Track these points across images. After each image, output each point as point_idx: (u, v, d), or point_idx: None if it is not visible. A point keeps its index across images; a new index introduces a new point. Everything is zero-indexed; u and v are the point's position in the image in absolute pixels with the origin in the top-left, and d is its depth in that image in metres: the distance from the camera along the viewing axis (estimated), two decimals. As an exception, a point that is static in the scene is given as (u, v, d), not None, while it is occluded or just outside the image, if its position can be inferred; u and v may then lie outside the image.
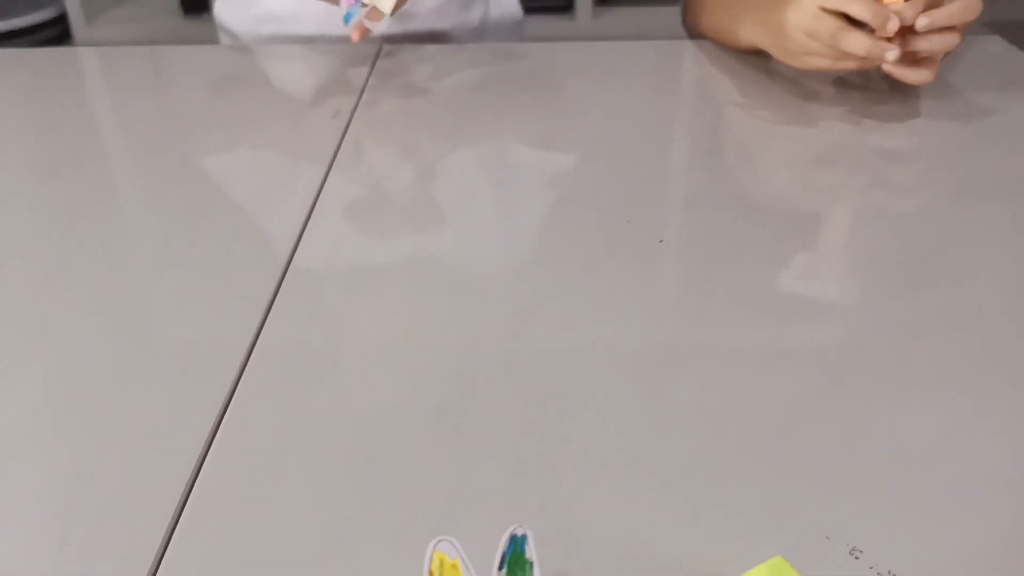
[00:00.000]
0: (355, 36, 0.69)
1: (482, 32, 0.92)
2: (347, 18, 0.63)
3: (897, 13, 0.55)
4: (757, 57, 0.67)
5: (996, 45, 0.73)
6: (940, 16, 0.56)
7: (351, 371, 0.37)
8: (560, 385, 0.36)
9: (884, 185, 0.53)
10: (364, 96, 0.64)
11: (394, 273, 0.44)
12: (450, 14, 0.87)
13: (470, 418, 0.34)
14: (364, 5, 0.64)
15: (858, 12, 0.55)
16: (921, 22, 0.56)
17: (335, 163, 0.54)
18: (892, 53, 0.55)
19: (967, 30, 0.58)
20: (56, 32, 2.21)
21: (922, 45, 0.56)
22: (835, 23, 0.56)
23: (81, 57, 0.82)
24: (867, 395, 0.35)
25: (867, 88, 0.64)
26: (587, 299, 0.41)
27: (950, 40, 0.57)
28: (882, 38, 0.55)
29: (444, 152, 0.57)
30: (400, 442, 0.33)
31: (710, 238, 0.46)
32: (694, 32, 0.77)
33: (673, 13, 2.27)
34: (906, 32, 0.56)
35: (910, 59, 0.58)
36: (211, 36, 2.17)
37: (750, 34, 0.65)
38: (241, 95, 0.67)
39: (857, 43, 0.55)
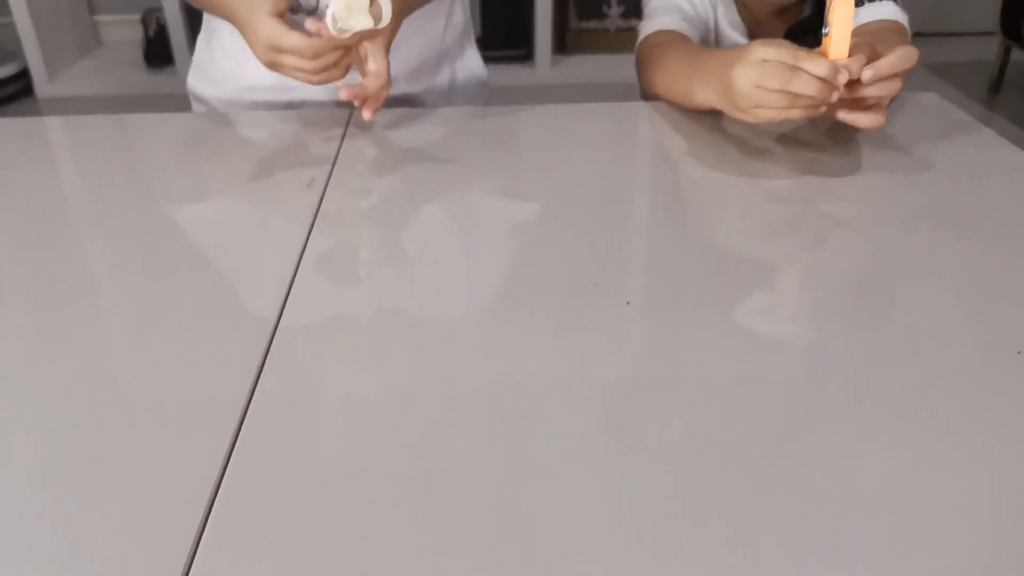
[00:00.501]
0: (367, 114, 0.71)
1: (451, 93, 0.95)
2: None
3: (844, 67, 0.59)
4: (710, 116, 0.71)
5: (932, 100, 0.77)
6: (883, 67, 0.60)
7: (346, 424, 0.38)
8: (533, 433, 0.37)
9: (833, 231, 0.57)
10: (338, 162, 0.66)
11: (375, 331, 0.45)
12: (420, 78, 0.90)
13: (447, 466, 0.36)
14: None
15: (808, 67, 0.59)
16: (866, 75, 0.60)
17: (313, 230, 0.56)
18: (837, 93, 0.59)
19: (907, 75, 0.62)
20: (19, 87, 2.21)
21: (869, 92, 0.60)
22: (782, 68, 0.59)
23: (48, 127, 0.82)
24: (827, 424, 0.38)
25: (813, 143, 0.68)
26: (558, 349, 0.43)
27: (894, 86, 0.61)
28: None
29: (420, 216, 0.59)
30: (382, 493, 0.34)
31: (672, 288, 0.48)
32: (649, 94, 0.81)
33: (626, 60, 2.33)
34: (853, 83, 0.60)
35: (858, 106, 0.62)
36: (174, 88, 2.19)
37: (704, 95, 0.68)
38: (214, 165, 0.68)
39: (807, 84, 0.59)
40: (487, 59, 0.98)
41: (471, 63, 0.99)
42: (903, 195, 0.60)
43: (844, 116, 0.61)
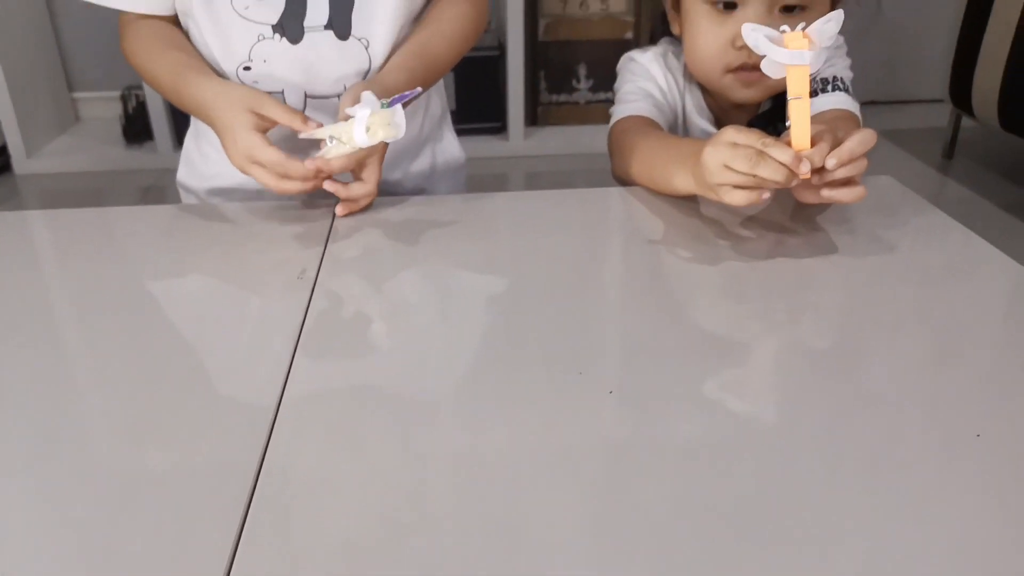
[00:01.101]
0: (340, 212, 0.75)
1: (431, 177, 0.99)
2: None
3: (807, 157, 0.63)
4: (683, 202, 0.74)
5: (887, 182, 0.82)
6: (844, 153, 0.65)
7: (349, 505, 0.40)
8: (514, 522, 0.39)
9: (804, 312, 0.60)
10: (327, 252, 0.68)
11: (370, 416, 0.47)
12: (400, 164, 0.94)
13: (431, 546, 0.37)
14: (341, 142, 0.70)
15: (774, 153, 0.63)
16: (830, 163, 0.64)
17: (307, 320, 0.58)
18: (798, 180, 0.63)
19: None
20: (-3, 165, 2.22)
21: (840, 174, 0.64)
22: (751, 152, 0.63)
23: (30, 221, 0.82)
24: (800, 477, 0.40)
25: (781, 226, 0.72)
26: (541, 435, 0.45)
27: (861, 165, 0.65)
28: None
29: (408, 305, 0.62)
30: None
31: (652, 375, 0.51)
32: (622, 178, 0.84)
33: (594, 131, 2.41)
34: (821, 169, 0.64)
35: (837, 185, 0.66)
36: (153, 163, 2.22)
37: (683, 179, 0.72)
38: (204, 258, 0.69)
39: (773, 170, 0.62)
40: (463, 132, 1.02)
41: (449, 147, 1.03)
42: (866, 278, 0.64)
43: (828, 194, 0.65)
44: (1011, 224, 1.87)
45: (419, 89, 0.70)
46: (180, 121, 2.21)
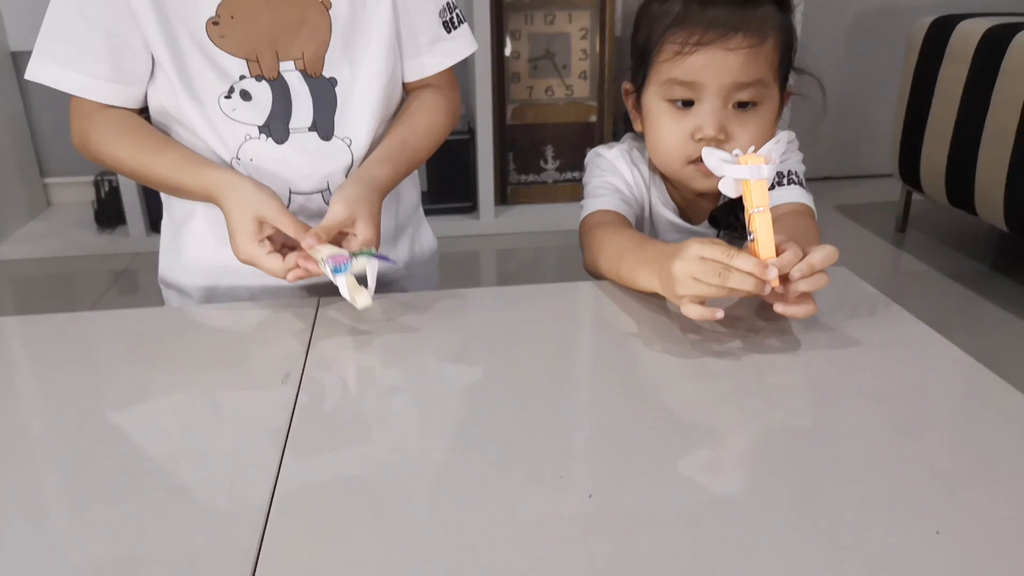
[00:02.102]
0: (290, 277, 0.76)
1: (408, 266, 1.02)
2: (336, 271, 0.72)
3: (774, 265, 0.67)
4: (653, 297, 0.78)
5: (843, 274, 0.86)
6: (806, 267, 0.68)
7: None
8: None
9: (774, 403, 0.63)
10: (309, 355, 0.70)
11: (357, 514, 0.49)
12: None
13: None
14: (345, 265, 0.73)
15: (740, 265, 0.67)
16: (795, 273, 0.68)
17: (293, 421, 0.60)
18: (770, 287, 0.67)
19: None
20: (-35, 253, 2.21)
21: (801, 287, 0.68)
22: (719, 266, 0.67)
23: (5, 327, 0.81)
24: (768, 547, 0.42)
25: (747, 321, 0.76)
26: (516, 529, 0.47)
27: (821, 281, 0.69)
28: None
29: (391, 407, 0.63)
30: None
31: (631, 473, 0.53)
32: (594, 273, 0.88)
33: (561, 209, 2.47)
34: (783, 279, 0.68)
35: (790, 299, 0.70)
36: (125, 248, 2.22)
37: (647, 280, 0.76)
38: (187, 363, 0.70)
39: (742, 280, 0.66)
40: (436, 211, 1.05)
41: (424, 234, 1.07)
42: (828, 369, 0.68)
43: (781, 309, 0.69)
44: (964, 295, 1.95)
45: (399, 264, 0.75)
46: (153, 206, 2.23)
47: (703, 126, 0.83)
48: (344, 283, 0.73)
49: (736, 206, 0.93)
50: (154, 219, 2.25)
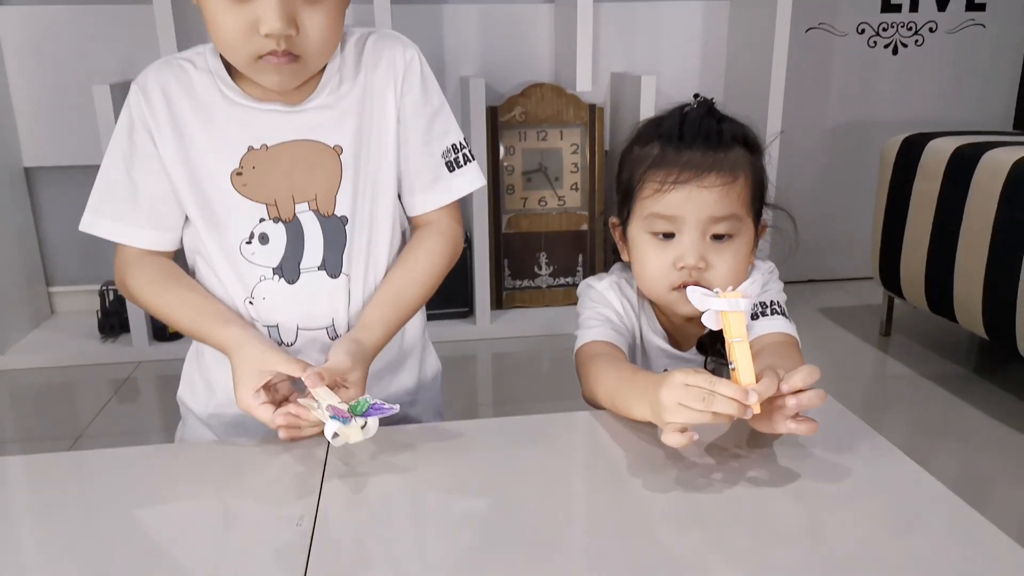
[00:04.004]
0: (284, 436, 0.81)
1: (414, 391, 1.07)
2: (333, 418, 0.76)
3: (754, 391, 0.72)
4: (648, 427, 0.82)
5: (829, 403, 0.90)
6: (786, 386, 0.73)
7: None
8: None
9: (760, 516, 0.68)
10: (323, 495, 0.73)
11: None
12: (385, 379, 1.02)
13: None
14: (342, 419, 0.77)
15: (724, 390, 0.72)
16: (784, 388, 0.73)
17: (308, 569, 0.63)
18: (751, 412, 0.71)
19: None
20: (-31, 363, 2.23)
21: (790, 403, 0.73)
22: (703, 392, 0.72)
23: (8, 467, 0.83)
24: None
25: (737, 452, 0.80)
26: None
27: (818, 398, 0.74)
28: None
29: (406, 546, 0.66)
30: None
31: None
32: (592, 403, 0.93)
33: (555, 313, 2.53)
34: (776, 401, 0.73)
35: (793, 419, 0.74)
36: (128, 357, 2.26)
37: (640, 410, 0.81)
38: (203, 504, 0.72)
39: (726, 405, 0.71)
40: (433, 317, 1.10)
41: (429, 357, 1.12)
42: (814, 500, 0.72)
43: (787, 427, 0.74)
44: (948, 400, 1.99)
45: (396, 408, 0.79)
46: (157, 315, 2.27)
47: (684, 256, 0.90)
48: (336, 427, 0.76)
49: (721, 335, 0.99)
50: (157, 328, 2.29)
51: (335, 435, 0.77)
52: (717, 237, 0.91)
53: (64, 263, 2.51)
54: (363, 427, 0.77)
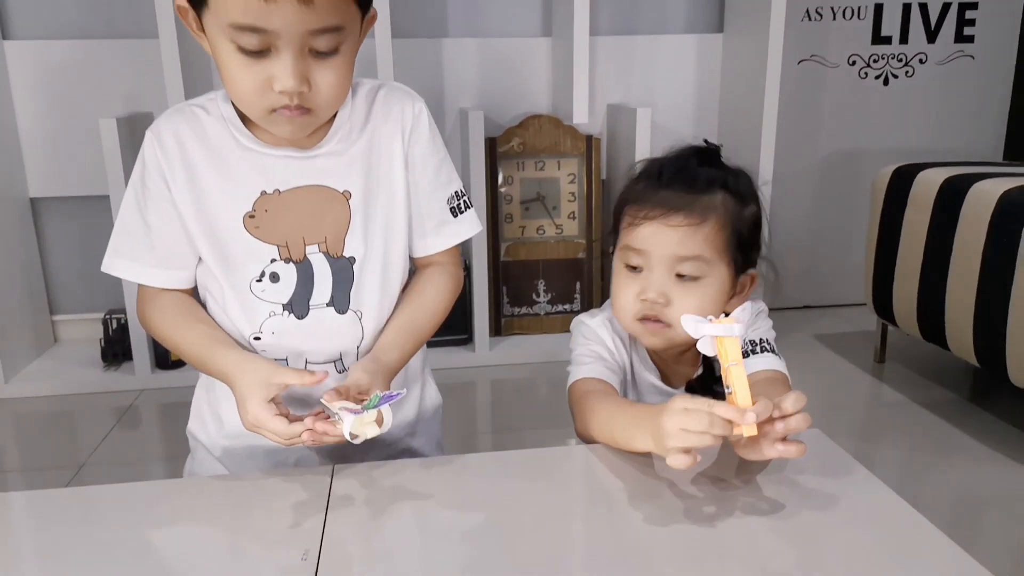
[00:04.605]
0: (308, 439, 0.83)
1: (415, 424, 1.10)
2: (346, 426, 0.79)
3: (752, 411, 0.74)
4: (643, 460, 0.85)
5: (814, 435, 0.93)
6: (778, 411, 0.76)
7: None
8: None
9: (754, 543, 0.71)
10: (326, 532, 0.75)
11: None
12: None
13: None
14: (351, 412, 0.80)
15: (722, 412, 0.74)
16: (776, 414, 0.75)
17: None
18: (750, 423, 0.74)
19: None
20: (-27, 392, 2.26)
21: (778, 428, 0.76)
22: (703, 414, 0.74)
23: (12, 503, 0.84)
24: None
25: (726, 481, 0.83)
26: None
27: (806, 422, 0.76)
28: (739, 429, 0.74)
29: (412, 571, 0.69)
30: None
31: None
32: (585, 437, 0.95)
33: (553, 340, 2.55)
34: (767, 424, 0.76)
35: (781, 442, 0.76)
36: (131, 385, 2.28)
37: (641, 442, 0.83)
38: (205, 538, 0.74)
39: (724, 427, 0.74)
40: (433, 344, 1.13)
41: (429, 393, 1.15)
42: (801, 531, 0.74)
43: (777, 450, 0.76)
44: (941, 426, 2.02)
45: (404, 392, 0.83)
46: (161, 344, 2.29)
47: (646, 289, 0.95)
48: (353, 420, 0.79)
49: (710, 379, 1.02)
50: (159, 356, 2.32)
51: (353, 436, 0.80)
52: (683, 276, 0.94)
53: (68, 291, 2.54)
54: (377, 420, 0.80)
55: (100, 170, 2.18)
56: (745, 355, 0.98)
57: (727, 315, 0.81)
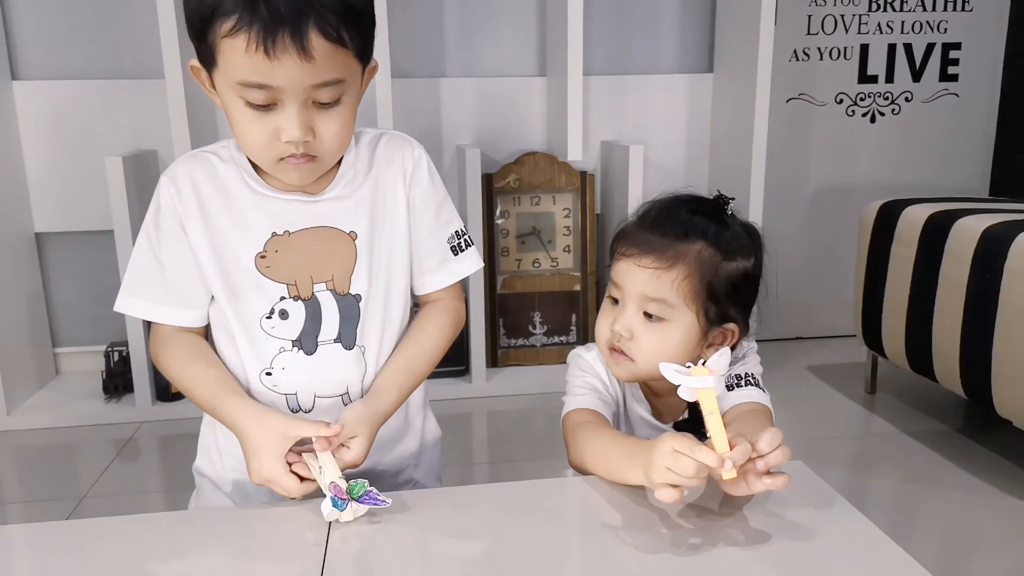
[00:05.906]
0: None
1: (416, 455, 1.13)
2: (336, 503, 0.83)
3: (729, 458, 0.79)
4: (636, 492, 0.88)
5: (798, 467, 0.97)
6: (761, 447, 0.80)
7: None
8: None
9: (741, 572, 0.74)
10: (327, 561, 0.78)
11: None
12: (388, 445, 1.08)
13: None
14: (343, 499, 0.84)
15: (703, 458, 0.78)
16: (754, 454, 0.80)
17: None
18: (728, 469, 0.78)
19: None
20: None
21: (759, 466, 0.80)
22: (686, 458, 0.79)
23: (12, 535, 0.85)
24: None
25: (714, 513, 0.86)
26: None
27: (786, 455, 0.81)
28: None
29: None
30: None
31: None
32: (578, 468, 0.99)
33: (549, 371, 2.58)
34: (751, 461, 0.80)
35: (766, 475, 0.80)
36: (132, 417, 2.30)
37: (633, 475, 0.87)
38: (207, 567, 0.76)
39: (706, 472, 0.79)
40: (429, 376, 1.15)
41: (429, 427, 1.18)
42: (784, 561, 0.77)
43: (764, 483, 0.81)
44: (931, 457, 2.05)
45: (389, 502, 0.86)
46: (162, 377, 2.32)
47: (615, 321, 1.00)
48: (330, 511, 0.84)
49: (697, 420, 1.05)
50: (160, 389, 2.35)
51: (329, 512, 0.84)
52: (650, 316, 0.99)
53: (70, 324, 2.58)
54: (352, 515, 0.84)
55: (104, 206, 2.22)
56: (730, 388, 1.02)
57: (704, 362, 0.85)
